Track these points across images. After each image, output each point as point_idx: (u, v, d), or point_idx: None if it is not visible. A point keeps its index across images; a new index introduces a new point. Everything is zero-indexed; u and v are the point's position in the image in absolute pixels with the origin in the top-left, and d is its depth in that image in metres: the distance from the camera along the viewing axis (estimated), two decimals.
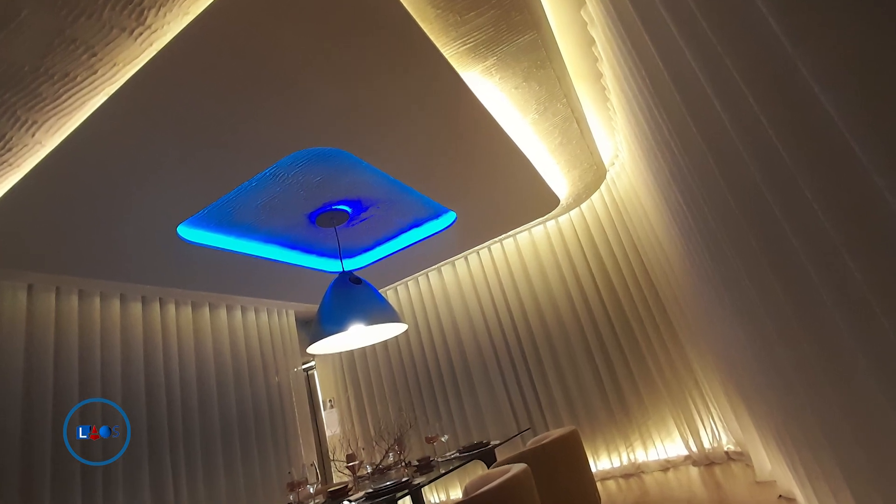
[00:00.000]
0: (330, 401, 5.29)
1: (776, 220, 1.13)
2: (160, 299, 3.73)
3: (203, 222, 3.03)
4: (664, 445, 3.97)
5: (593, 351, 4.30)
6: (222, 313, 4.21)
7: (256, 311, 4.59)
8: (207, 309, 4.08)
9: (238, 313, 4.37)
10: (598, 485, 3.83)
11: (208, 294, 3.97)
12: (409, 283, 5.24)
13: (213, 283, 3.77)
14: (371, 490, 2.45)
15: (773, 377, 1.71)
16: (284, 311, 4.94)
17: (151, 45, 1.71)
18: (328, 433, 5.09)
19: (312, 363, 5.34)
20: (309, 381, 5.25)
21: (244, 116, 2.14)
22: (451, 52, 2.15)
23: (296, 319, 5.08)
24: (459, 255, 4.94)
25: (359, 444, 4.72)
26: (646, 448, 4.02)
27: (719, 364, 3.12)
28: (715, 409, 3.73)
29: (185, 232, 2.97)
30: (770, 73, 0.92)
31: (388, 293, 5.33)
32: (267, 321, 4.67)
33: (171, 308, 3.80)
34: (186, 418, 3.59)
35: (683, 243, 2.47)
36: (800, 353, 1.31)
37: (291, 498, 2.68)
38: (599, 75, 2.69)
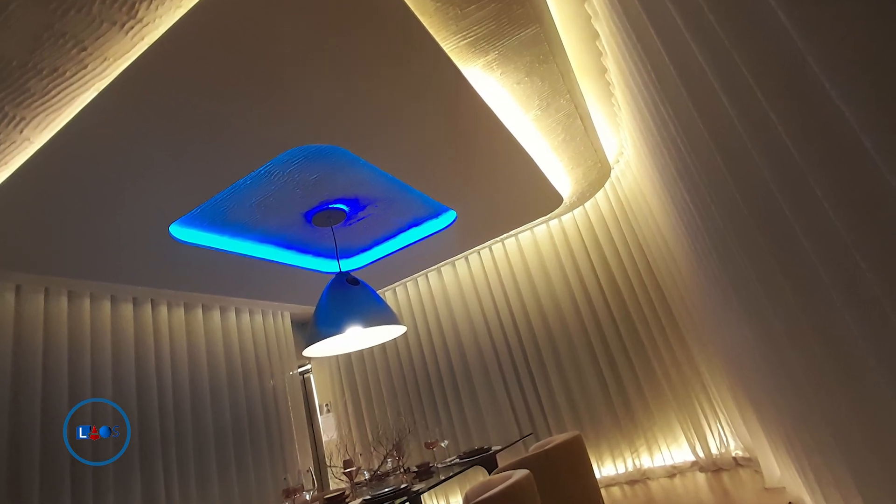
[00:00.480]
0: (326, 405, 5.29)
1: (785, 218, 1.13)
2: (152, 300, 3.73)
3: (196, 221, 3.03)
4: (670, 451, 3.97)
5: (597, 354, 4.31)
6: (216, 315, 4.22)
7: (251, 312, 4.59)
8: (200, 310, 4.08)
9: (232, 315, 4.38)
10: (603, 491, 3.83)
11: (201, 295, 3.97)
12: (407, 284, 5.24)
13: (206, 283, 3.78)
14: (369, 497, 2.45)
15: (782, 380, 1.71)
16: (280, 312, 4.95)
17: (143, 39, 1.71)
18: (325, 438, 5.09)
19: (308, 366, 5.35)
20: (305, 384, 5.25)
21: (239, 112, 2.14)
22: (451, 47, 2.15)
23: (291, 321, 5.08)
24: (460, 255, 4.94)
25: (356, 450, 4.73)
26: (651, 454, 4.03)
27: (727, 367, 3.12)
28: (723, 413, 3.73)
29: (178, 231, 2.97)
30: (779, 68, 0.92)
31: (387, 294, 5.33)
32: (262, 323, 4.68)
33: (163, 309, 3.80)
34: (179, 422, 3.59)
35: (690, 243, 2.47)
36: (809, 354, 1.31)
37: None
38: (604, 70, 2.69)
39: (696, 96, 1.39)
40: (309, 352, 3.15)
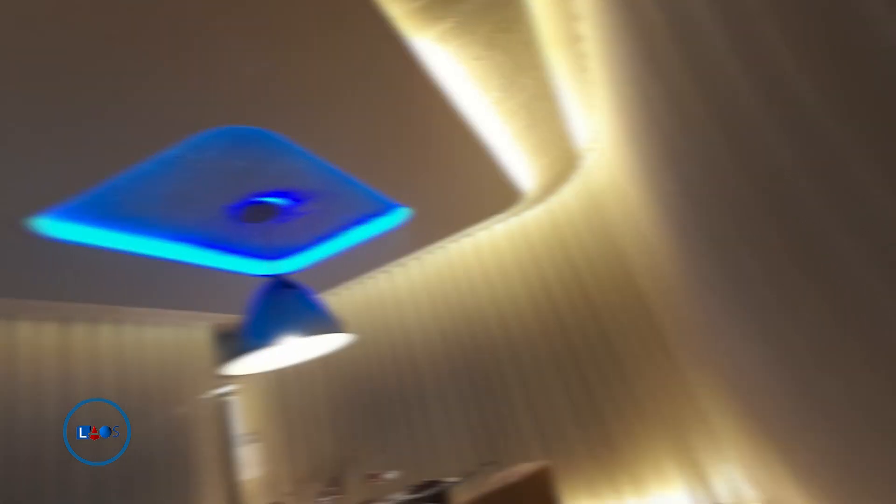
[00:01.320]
0: (252, 434, 5.03)
1: (812, 210, 1.03)
2: (8, 315, 3.28)
3: (79, 215, 2.73)
4: (663, 494, 3.69)
5: (567, 369, 4.23)
6: (104, 330, 3.85)
7: (156, 325, 4.28)
8: (83, 326, 3.71)
9: (129, 329, 4.04)
10: None
11: (86, 306, 3.60)
12: (353, 287, 5.10)
13: (92, 291, 3.44)
14: None
15: (809, 411, 1.57)
16: (195, 324, 4.65)
17: None
18: (248, 476, 4.81)
19: (231, 388, 5.06)
20: (224, 410, 4.96)
21: (132, 79, 1.88)
22: (401, 12, 2.00)
23: (211, 334, 4.81)
24: (412, 256, 4.85)
25: (286, 489, 4.49)
26: (640, 495, 3.75)
27: (732, 390, 2.87)
28: (727, 451, 3.46)
29: (50, 227, 2.66)
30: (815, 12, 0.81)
31: (329, 299, 5.14)
32: (173, 337, 4.38)
33: (26, 327, 3.37)
34: (40, 476, 3.13)
35: (677, 242, 2.41)
36: (848, 379, 1.20)
37: None
38: (577, 39, 2.60)
39: (694, 58, 1.28)
40: (235, 369, 3.04)
